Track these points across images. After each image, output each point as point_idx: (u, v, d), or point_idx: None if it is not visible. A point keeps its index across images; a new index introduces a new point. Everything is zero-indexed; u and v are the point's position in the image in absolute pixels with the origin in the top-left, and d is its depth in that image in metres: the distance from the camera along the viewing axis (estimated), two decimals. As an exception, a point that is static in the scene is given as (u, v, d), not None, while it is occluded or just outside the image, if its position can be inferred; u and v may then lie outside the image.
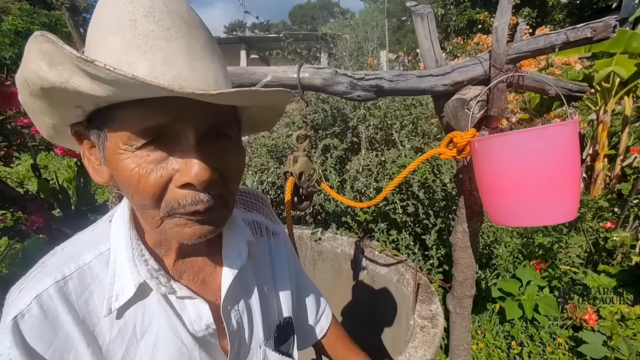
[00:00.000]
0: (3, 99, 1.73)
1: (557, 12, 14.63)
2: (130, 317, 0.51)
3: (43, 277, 0.47)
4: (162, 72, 0.39)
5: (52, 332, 0.46)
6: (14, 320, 0.44)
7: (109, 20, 0.40)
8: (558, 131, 0.85)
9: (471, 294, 1.42)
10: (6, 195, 2.21)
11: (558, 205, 0.90)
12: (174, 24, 0.41)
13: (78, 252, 0.51)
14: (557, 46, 0.92)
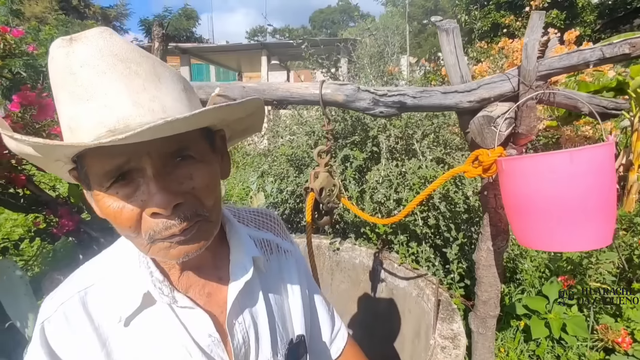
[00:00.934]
0: (40, 110, 1.82)
1: (588, 13, 14.02)
2: (139, 325, 0.54)
3: (69, 288, 0.54)
4: (106, 115, 0.42)
5: (72, 336, 0.51)
6: (41, 324, 0.51)
7: (55, 77, 0.43)
8: (592, 153, 0.81)
9: (495, 314, 1.37)
10: (40, 199, 2.31)
11: (591, 231, 0.85)
12: (109, 65, 0.42)
13: (100, 266, 0.57)
14: (592, 63, 0.88)
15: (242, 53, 13.32)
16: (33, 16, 14.30)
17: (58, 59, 0.42)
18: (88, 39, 0.42)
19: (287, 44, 11.24)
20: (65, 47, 0.42)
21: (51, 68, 0.43)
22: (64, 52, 0.42)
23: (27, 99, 1.80)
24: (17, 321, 1.49)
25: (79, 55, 0.42)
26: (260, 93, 1.09)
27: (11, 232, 3.93)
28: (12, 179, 1.95)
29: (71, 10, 16.67)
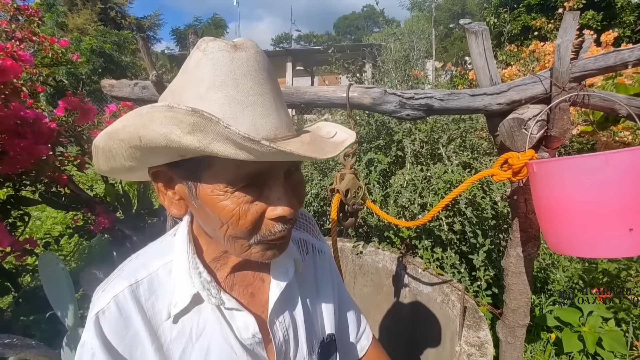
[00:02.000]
0: (83, 114, 1.93)
1: (627, 13, 13.28)
2: (187, 322, 0.56)
3: (121, 280, 0.55)
4: (261, 124, 0.46)
5: (125, 328, 0.52)
6: (96, 315, 0.51)
7: (211, 78, 0.44)
8: (630, 157, 0.77)
9: (525, 323, 1.32)
10: (79, 198, 2.44)
11: (629, 237, 0.81)
12: (264, 79, 0.47)
13: (148, 260, 0.58)
14: (631, 63, 0.85)
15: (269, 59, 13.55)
16: (75, 28, 15.26)
17: (222, 61, 0.44)
18: (249, 50, 0.46)
19: (311, 50, 11.39)
20: (230, 52, 0.44)
21: (202, 68, 0.44)
22: (229, 57, 0.44)
23: (72, 104, 1.92)
24: (59, 311, 1.58)
25: (243, 63, 0.45)
26: (289, 96, 1.12)
27: (51, 229, 4.17)
28: (56, 179, 2.07)
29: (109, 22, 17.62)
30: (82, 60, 6.24)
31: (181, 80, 0.47)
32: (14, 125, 1.66)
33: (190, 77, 0.45)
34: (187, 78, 0.45)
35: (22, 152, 1.65)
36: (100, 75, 8.74)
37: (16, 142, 1.64)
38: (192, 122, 0.38)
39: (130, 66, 9.96)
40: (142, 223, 2.73)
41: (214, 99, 0.44)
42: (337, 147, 0.53)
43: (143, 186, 2.87)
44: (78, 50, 8.08)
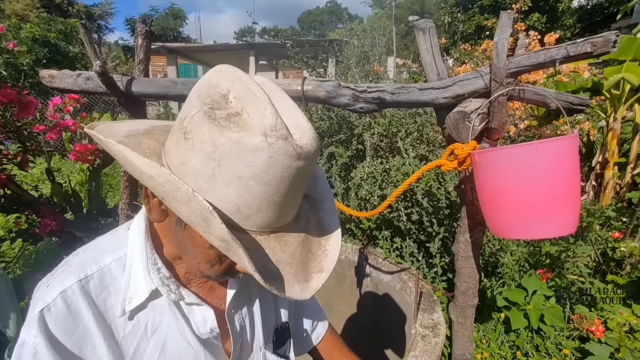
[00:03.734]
0: (21, 108, 1.80)
1: (568, 17, 14.48)
2: (142, 317, 0.55)
3: (68, 275, 0.52)
4: (274, 219, 0.48)
5: (74, 324, 0.50)
6: (40, 312, 0.48)
7: (260, 172, 0.43)
8: (557, 145, 0.86)
9: (473, 303, 1.42)
10: (22, 199, 2.27)
11: (557, 219, 0.90)
12: (304, 184, 0.50)
13: (99, 254, 0.56)
14: (558, 60, 0.93)
15: (230, 53, 13.26)
16: (13, 14, 13.94)
17: (280, 165, 0.43)
18: (309, 160, 0.46)
19: (274, 44, 11.26)
20: (292, 159, 0.43)
21: (264, 161, 0.42)
22: (288, 164, 0.43)
23: (8, 96, 1.77)
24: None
25: (295, 172, 0.45)
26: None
27: (-9, 234, 3.82)
28: (-7, 178, 1.91)
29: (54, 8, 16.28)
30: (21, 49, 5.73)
31: (228, 144, 0.42)
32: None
33: (241, 151, 0.42)
34: (237, 150, 0.42)
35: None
36: (45, 66, 8.07)
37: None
38: (219, 236, 0.42)
39: (79, 57, 9.28)
40: (94, 224, 2.59)
41: (251, 189, 0.43)
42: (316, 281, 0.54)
43: (95, 185, 2.72)
44: (17, 38, 7.41)
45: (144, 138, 0.51)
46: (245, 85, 0.44)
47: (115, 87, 1.13)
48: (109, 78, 1.08)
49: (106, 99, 8.08)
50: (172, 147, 0.47)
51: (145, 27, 1.18)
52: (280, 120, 0.42)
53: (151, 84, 1.17)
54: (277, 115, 0.42)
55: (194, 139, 0.44)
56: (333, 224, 0.61)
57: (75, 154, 2.24)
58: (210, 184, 0.43)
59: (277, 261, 0.49)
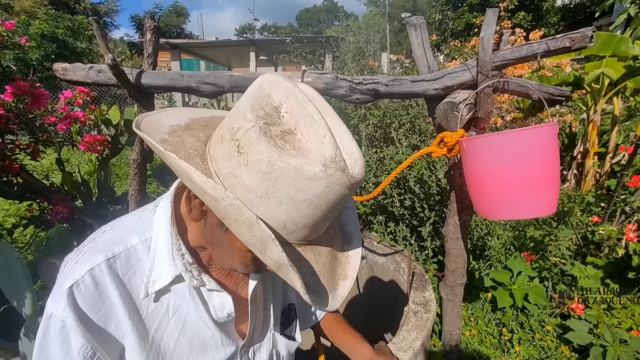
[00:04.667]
0: (34, 100, 1.80)
1: (552, 15, 14.46)
2: (165, 297, 0.56)
3: (95, 252, 0.52)
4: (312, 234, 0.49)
5: (100, 301, 0.51)
6: (70, 288, 0.49)
7: (314, 197, 0.42)
8: (537, 132, 0.88)
9: (462, 282, 1.46)
10: (34, 187, 2.28)
11: (538, 200, 0.93)
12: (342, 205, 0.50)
13: (126, 235, 0.55)
14: (539, 54, 0.95)
15: (232, 49, 13.13)
16: (22, 11, 13.68)
17: (333, 193, 0.43)
18: (356, 187, 0.45)
19: (274, 41, 11.16)
20: (345, 188, 0.43)
21: (320, 188, 0.42)
22: (341, 193, 0.43)
23: (21, 89, 1.77)
24: (15, 301, 1.49)
25: (343, 199, 0.45)
26: (247, 81, 1.12)
27: (4, 222, 3.84)
28: (6, 167, 1.92)
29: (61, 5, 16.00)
30: (31, 45, 5.65)
31: (287, 168, 0.41)
32: (-44, 111, 1.51)
33: (299, 177, 0.41)
34: (295, 175, 0.41)
35: (-34, 140, 1.51)
36: (53, 61, 7.95)
37: (-41, 129, 1.50)
38: (276, 258, 0.43)
39: (86, 53, 9.15)
40: (103, 211, 2.60)
41: (301, 211, 0.43)
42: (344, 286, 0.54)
43: (104, 174, 2.73)
44: (27, 34, 7.30)
45: (186, 135, 0.50)
46: (300, 103, 0.42)
47: (126, 79, 1.14)
48: (120, 71, 1.09)
49: (113, 92, 8.01)
50: (222, 156, 0.45)
51: (154, 23, 1.18)
52: (339, 152, 0.41)
53: (159, 77, 1.18)
54: (336, 146, 0.41)
55: (249, 155, 0.42)
56: (353, 229, 0.61)
57: (85, 144, 2.25)
58: (261, 201, 0.42)
59: (313, 272, 0.50)
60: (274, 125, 0.42)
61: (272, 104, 0.43)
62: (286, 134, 0.42)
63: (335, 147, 0.41)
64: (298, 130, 0.42)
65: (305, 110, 0.42)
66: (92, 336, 0.50)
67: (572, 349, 1.97)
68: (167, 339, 0.56)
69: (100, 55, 11.01)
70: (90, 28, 9.98)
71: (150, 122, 0.50)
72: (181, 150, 0.46)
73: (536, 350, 2.01)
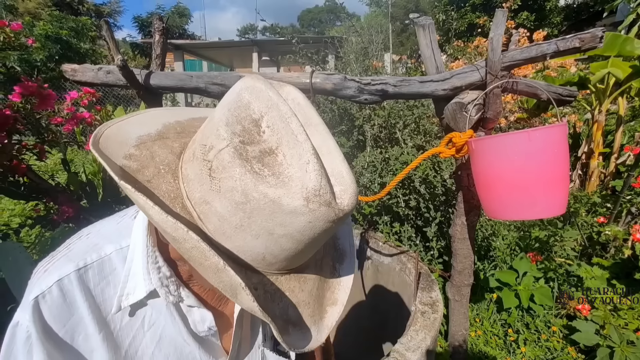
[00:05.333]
0: (41, 100, 1.81)
1: (555, 15, 14.43)
2: (140, 311, 0.52)
3: (67, 262, 0.48)
4: (291, 264, 0.45)
5: (68, 313, 0.47)
6: (35, 299, 0.45)
7: (294, 232, 0.38)
8: (547, 133, 0.88)
9: (469, 282, 1.46)
10: (40, 187, 2.29)
11: (548, 201, 0.93)
12: None
13: (101, 242, 0.51)
14: (548, 55, 0.95)
15: (234, 50, 13.18)
16: (26, 12, 13.77)
17: (317, 228, 0.38)
18: (347, 218, 0.41)
19: (277, 41, 11.20)
20: (331, 223, 0.39)
21: (302, 223, 0.37)
22: (325, 227, 0.39)
23: (29, 89, 1.78)
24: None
25: (329, 231, 0.41)
26: (255, 81, 1.13)
27: (9, 222, 3.86)
28: (13, 167, 1.93)
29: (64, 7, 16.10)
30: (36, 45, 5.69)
31: (263, 200, 0.36)
32: (-35, 111, 1.52)
33: (277, 211, 0.37)
34: (273, 208, 0.37)
35: (-25, 140, 1.52)
36: (57, 62, 8.02)
37: (-32, 129, 1.51)
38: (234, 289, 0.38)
39: (89, 53, 9.20)
40: (108, 211, 2.61)
41: (281, 245, 0.40)
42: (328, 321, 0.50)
43: (109, 175, 2.74)
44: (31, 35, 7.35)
45: (156, 147, 0.45)
46: (283, 118, 0.37)
47: (135, 80, 1.15)
48: (129, 72, 1.10)
49: (116, 93, 8.05)
50: (194, 178, 0.40)
51: (162, 24, 1.19)
52: (324, 182, 0.36)
53: (168, 77, 1.19)
54: (321, 175, 0.36)
55: (221, 182, 0.37)
56: (347, 245, 0.56)
57: (91, 145, 2.26)
58: (236, 232, 0.39)
59: (297, 303, 0.46)
60: (252, 144, 0.37)
61: (252, 116, 0.38)
62: (266, 155, 0.37)
63: (321, 176, 0.36)
64: (280, 150, 0.37)
65: (289, 127, 0.37)
66: (57, 351, 0.47)
67: (578, 350, 1.96)
68: (142, 353, 0.53)
69: (104, 56, 11.06)
70: (93, 29, 10.04)
71: (114, 133, 0.44)
72: (150, 167, 0.42)
73: (542, 351, 2.01)
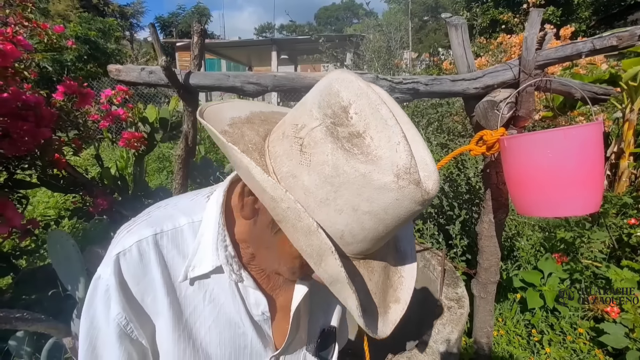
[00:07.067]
0: (82, 98, 1.92)
1: (583, 10, 13.86)
2: (204, 283, 0.55)
3: (146, 226, 0.53)
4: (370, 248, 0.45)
5: (142, 273, 0.51)
6: (117, 255, 0.50)
7: (380, 210, 0.39)
8: (584, 131, 0.89)
9: (495, 280, 1.46)
10: (77, 181, 2.42)
11: (582, 198, 0.93)
12: None
13: (176, 214, 0.55)
14: (584, 54, 0.95)
15: (253, 48, 13.35)
16: (57, 14, 14.42)
17: (403, 208, 0.39)
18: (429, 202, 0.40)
19: (295, 40, 11.27)
20: (417, 204, 0.39)
21: (387, 201, 0.38)
22: (411, 209, 0.39)
23: (71, 88, 1.89)
24: (69, 285, 1.59)
25: (413, 214, 0.41)
26: (291, 81, 1.17)
27: (45, 214, 4.08)
28: (55, 161, 2.05)
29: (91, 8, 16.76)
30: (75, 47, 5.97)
31: (353, 175, 0.37)
32: (15, 108, 1.64)
33: (365, 185, 0.37)
34: (362, 183, 0.38)
35: (25, 135, 1.63)
36: (85, 62, 8.36)
37: (19, 124, 1.62)
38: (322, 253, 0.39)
39: (115, 53, 9.55)
40: (139, 204, 2.73)
41: (362, 222, 0.40)
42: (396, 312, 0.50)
43: (139, 170, 2.86)
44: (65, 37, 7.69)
45: (245, 128, 0.48)
46: (372, 105, 0.39)
47: (176, 79, 1.21)
48: (172, 72, 1.17)
49: (143, 92, 8.31)
50: (282, 154, 0.42)
51: (200, 27, 1.25)
52: (414, 162, 0.37)
53: (207, 77, 1.25)
54: (411, 155, 0.37)
55: (312, 156, 0.39)
56: (409, 248, 0.56)
57: (124, 141, 2.37)
58: (320, 206, 0.39)
59: (367, 291, 0.46)
60: (342, 126, 0.39)
61: (341, 103, 0.40)
62: (354, 137, 0.39)
63: (411, 156, 0.37)
64: (367, 134, 0.39)
65: (378, 113, 0.38)
66: (129, 306, 0.51)
67: (606, 353, 1.93)
68: (200, 325, 0.56)
69: (129, 56, 11.42)
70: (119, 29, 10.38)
71: (214, 111, 0.49)
72: (240, 143, 0.44)
73: (568, 353, 1.98)
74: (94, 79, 7.75)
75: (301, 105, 0.44)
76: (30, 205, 4.35)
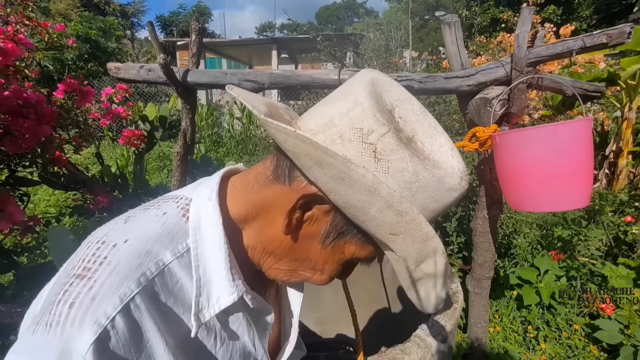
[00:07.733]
0: (82, 96, 1.94)
1: (584, 8, 13.84)
2: (210, 325, 0.45)
3: (120, 279, 0.36)
4: None
5: (136, 349, 0.36)
6: (93, 345, 0.32)
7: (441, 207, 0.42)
8: (572, 127, 0.91)
9: (489, 275, 1.48)
10: (78, 178, 2.44)
11: (572, 193, 0.95)
12: None
13: (155, 248, 0.40)
14: (575, 51, 0.97)
15: (253, 47, 13.39)
16: (57, 13, 14.49)
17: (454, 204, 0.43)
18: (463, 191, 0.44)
19: (295, 39, 11.30)
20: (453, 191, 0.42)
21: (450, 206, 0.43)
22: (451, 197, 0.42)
23: (71, 86, 1.92)
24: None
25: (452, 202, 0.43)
26: (287, 78, 1.19)
27: (45, 211, 4.11)
28: (56, 159, 2.07)
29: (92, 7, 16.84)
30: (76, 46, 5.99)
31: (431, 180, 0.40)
32: (16, 106, 1.66)
33: (440, 188, 0.41)
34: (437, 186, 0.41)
35: (26, 132, 1.66)
36: (86, 61, 8.41)
37: (20, 122, 1.65)
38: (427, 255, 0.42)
39: (116, 52, 9.60)
40: (139, 202, 2.74)
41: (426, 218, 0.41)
42: None
43: (139, 167, 2.89)
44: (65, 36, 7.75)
45: (276, 113, 0.46)
46: (417, 111, 0.42)
47: (174, 77, 1.24)
48: (170, 70, 1.19)
49: (144, 91, 8.35)
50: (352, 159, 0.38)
51: (199, 25, 1.27)
52: (464, 165, 0.42)
53: (204, 75, 1.27)
54: (462, 160, 0.42)
55: (390, 163, 0.39)
56: None
57: (124, 139, 2.39)
58: (385, 222, 0.41)
59: None
60: (400, 132, 0.41)
61: (386, 106, 0.41)
62: (410, 142, 0.41)
63: (462, 160, 0.42)
64: (417, 138, 0.42)
65: (425, 119, 0.42)
66: None
67: (600, 349, 1.95)
68: None
69: (129, 54, 11.46)
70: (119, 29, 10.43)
71: (247, 96, 0.46)
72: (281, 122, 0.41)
73: (563, 349, 2.00)
74: (95, 77, 7.79)
75: (357, 107, 0.39)
76: (31, 203, 4.39)
